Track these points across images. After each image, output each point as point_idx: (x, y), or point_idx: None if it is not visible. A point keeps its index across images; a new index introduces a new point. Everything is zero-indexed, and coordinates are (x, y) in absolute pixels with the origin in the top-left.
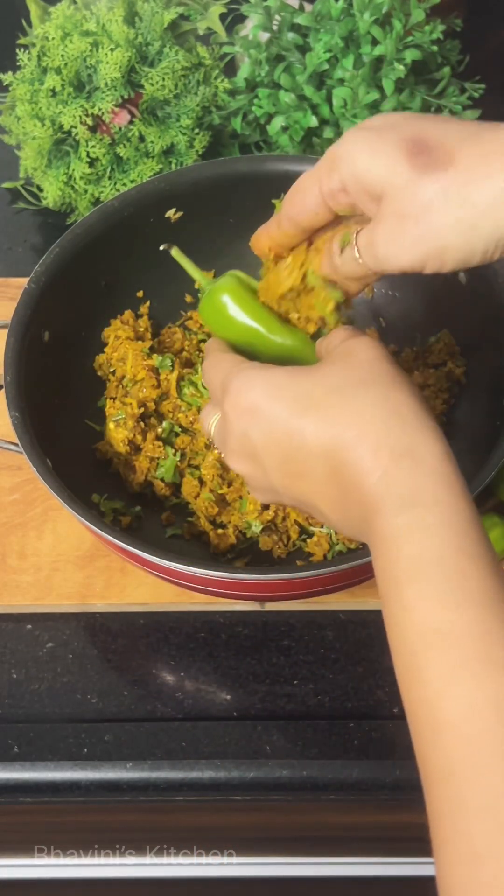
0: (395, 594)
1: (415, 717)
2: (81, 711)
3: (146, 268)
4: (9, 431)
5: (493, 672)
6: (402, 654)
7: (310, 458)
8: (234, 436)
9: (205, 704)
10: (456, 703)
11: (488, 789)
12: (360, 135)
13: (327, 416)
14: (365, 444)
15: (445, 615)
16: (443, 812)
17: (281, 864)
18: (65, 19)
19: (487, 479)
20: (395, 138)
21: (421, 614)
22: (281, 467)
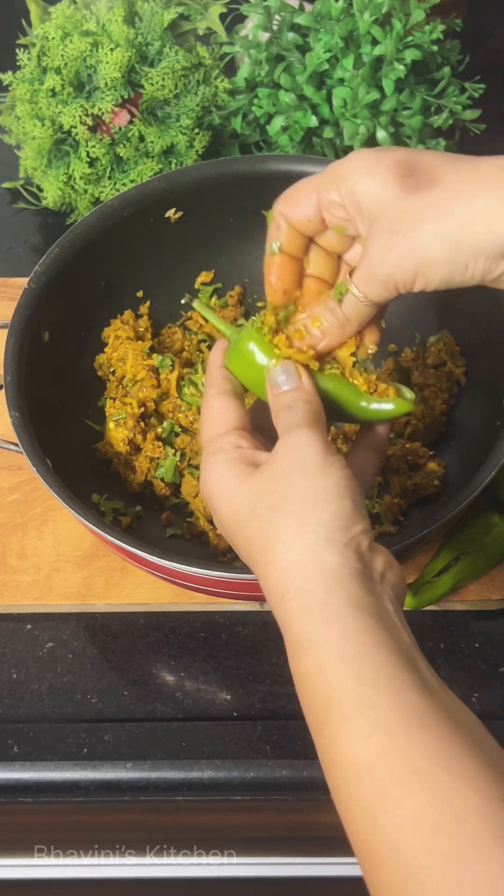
0: (316, 735)
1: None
2: (81, 711)
3: (146, 268)
4: (9, 431)
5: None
6: (333, 789)
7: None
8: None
9: (205, 704)
10: (384, 832)
11: None
12: (363, 156)
13: (249, 543)
14: (268, 583)
15: (357, 747)
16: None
17: (281, 864)
18: (65, 19)
19: (487, 479)
20: (389, 162)
21: (337, 750)
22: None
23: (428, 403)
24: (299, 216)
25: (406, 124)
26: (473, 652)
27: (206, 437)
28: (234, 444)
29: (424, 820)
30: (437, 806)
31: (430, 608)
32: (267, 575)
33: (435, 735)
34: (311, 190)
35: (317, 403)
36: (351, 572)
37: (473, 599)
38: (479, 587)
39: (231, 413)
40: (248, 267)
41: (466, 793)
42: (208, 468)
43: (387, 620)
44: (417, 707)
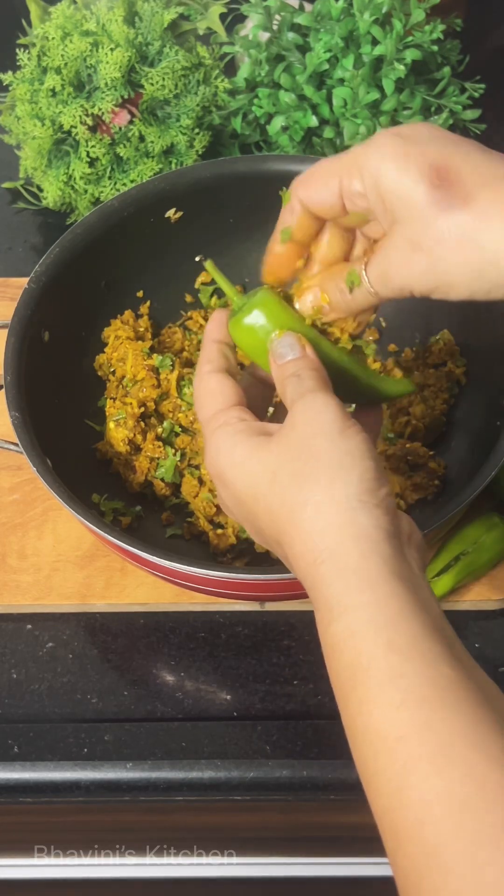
0: (343, 702)
1: (381, 824)
2: (81, 711)
3: (146, 268)
4: (9, 431)
5: (443, 768)
6: (358, 760)
7: (266, 537)
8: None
9: (205, 704)
10: (410, 809)
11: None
12: (389, 146)
13: (271, 511)
14: (296, 548)
15: (386, 718)
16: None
17: (281, 864)
18: (65, 19)
19: (487, 479)
20: (422, 162)
21: (364, 720)
22: (247, 523)
23: (428, 403)
24: (319, 201)
25: None
26: (473, 652)
27: (207, 413)
28: (238, 417)
29: (452, 798)
30: (466, 785)
31: None
32: (294, 541)
33: (465, 711)
34: (332, 175)
35: (324, 372)
36: (384, 534)
37: (473, 599)
38: (479, 587)
39: (230, 390)
40: (248, 267)
41: (494, 772)
42: (216, 443)
43: (418, 588)
44: (448, 680)
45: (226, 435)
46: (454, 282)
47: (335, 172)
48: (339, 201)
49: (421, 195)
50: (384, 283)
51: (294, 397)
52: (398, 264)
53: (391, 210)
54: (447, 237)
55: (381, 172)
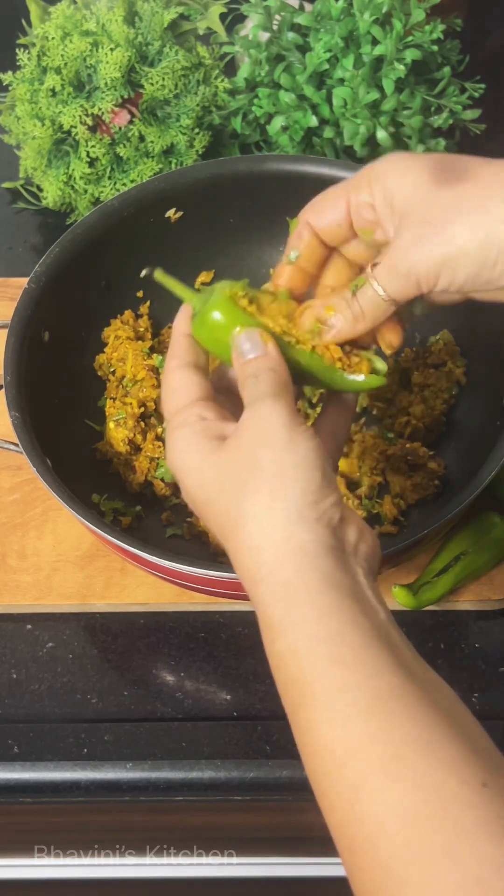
0: (292, 720)
1: (336, 839)
2: (81, 711)
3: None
4: (9, 431)
5: (393, 779)
6: (310, 776)
7: (218, 539)
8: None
9: (205, 704)
10: (363, 823)
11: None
12: (397, 156)
13: (218, 519)
14: (238, 560)
15: (334, 733)
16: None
17: (281, 864)
18: (65, 19)
19: (487, 479)
20: (425, 161)
21: (313, 737)
22: (204, 521)
23: (428, 403)
24: (327, 223)
25: (406, 124)
26: (473, 652)
27: (170, 409)
28: (198, 415)
29: (404, 809)
30: (417, 794)
31: (430, 608)
32: (238, 554)
33: (413, 719)
34: (339, 194)
35: (283, 372)
36: (323, 548)
37: (473, 599)
38: (479, 587)
39: (194, 385)
40: (248, 267)
41: (446, 779)
42: (173, 442)
43: (361, 597)
44: (395, 689)
45: (184, 435)
46: (463, 249)
47: (342, 191)
48: (347, 218)
49: (425, 181)
50: (391, 272)
51: (248, 401)
52: (406, 246)
53: (399, 207)
54: (453, 206)
55: (387, 175)
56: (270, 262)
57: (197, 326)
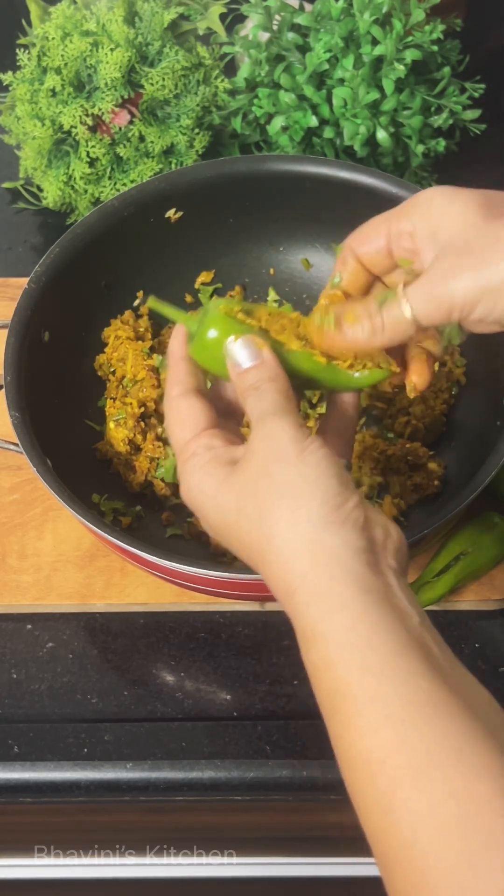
0: (329, 727)
1: (373, 846)
2: (81, 711)
3: (146, 268)
4: (9, 431)
5: (425, 787)
6: (347, 783)
7: (248, 564)
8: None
9: (205, 704)
10: (397, 831)
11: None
12: (440, 189)
13: (244, 543)
14: (270, 579)
15: (367, 741)
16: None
17: (281, 864)
18: (65, 19)
19: (487, 479)
20: (470, 195)
21: (347, 745)
22: (230, 549)
23: (428, 403)
24: (368, 250)
25: (406, 124)
26: (473, 652)
27: (178, 443)
28: (206, 445)
29: (436, 817)
30: (449, 802)
31: (430, 608)
32: (270, 572)
33: (445, 725)
34: (381, 222)
35: (283, 381)
36: (353, 551)
37: (473, 599)
38: (479, 587)
39: (199, 414)
40: (248, 267)
41: (478, 787)
42: (186, 476)
43: (393, 601)
44: (427, 696)
45: (195, 468)
46: (502, 285)
47: (385, 220)
48: (388, 246)
49: (471, 212)
50: (425, 295)
51: (253, 419)
52: (444, 272)
53: (442, 235)
54: (498, 240)
55: (431, 203)
56: (270, 262)
57: (195, 348)
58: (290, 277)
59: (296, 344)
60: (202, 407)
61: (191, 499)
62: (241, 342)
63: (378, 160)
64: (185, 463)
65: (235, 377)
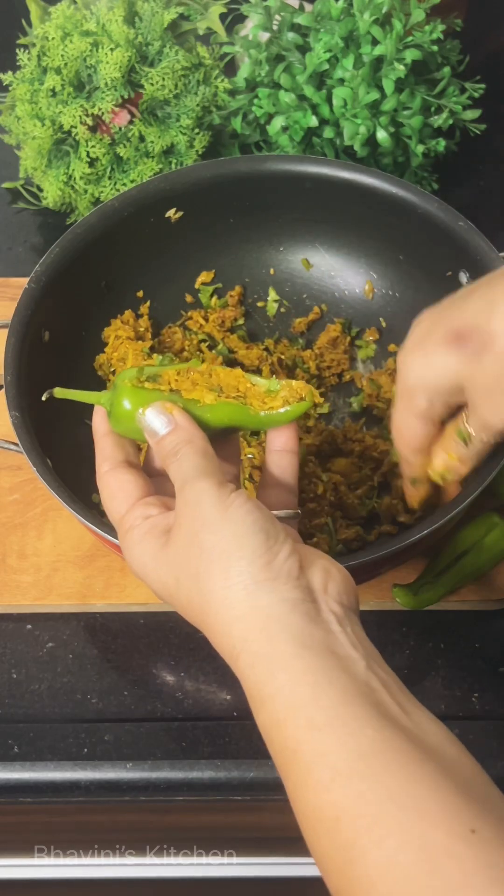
0: (286, 786)
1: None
2: (81, 711)
3: (146, 268)
4: (9, 431)
5: (382, 838)
6: (307, 842)
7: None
8: None
9: (205, 704)
10: (357, 887)
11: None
12: (412, 356)
13: (186, 611)
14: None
15: (320, 799)
16: None
17: (281, 864)
18: (65, 19)
19: (487, 479)
20: (437, 338)
21: (303, 804)
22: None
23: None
24: (420, 441)
25: (406, 124)
26: (473, 652)
27: (114, 517)
28: (142, 515)
29: (395, 868)
30: (406, 852)
31: (430, 608)
32: (213, 638)
33: (395, 774)
34: (405, 417)
35: (199, 439)
36: (289, 606)
37: (473, 599)
38: (479, 587)
39: (130, 485)
40: (248, 267)
41: (433, 832)
42: (127, 549)
43: (336, 649)
44: (374, 745)
45: (133, 541)
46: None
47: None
48: (427, 425)
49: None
50: (487, 428)
51: (177, 486)
52: (492, 411)
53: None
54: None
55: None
56: (270, 262)
57: (114, 421)
58: (290, 277)
59: (209, 397)
60: (133, 478)
61: (134, 570)
62: (150, 411)
63: (378, 160)
64: (124, 536)
65: (154, 446)
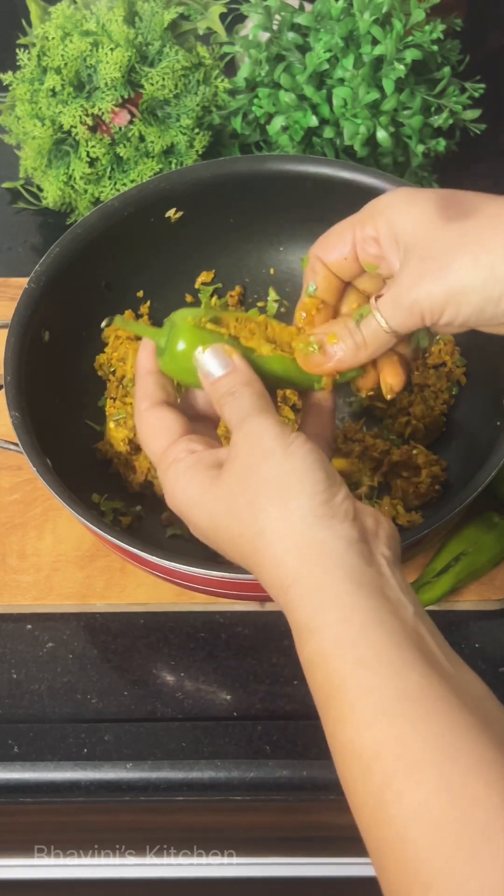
0: (323, 722)
1: (366, 841)
2: (81, 711)
3: (146, 268)
4: (9, 431)
5: (419, 781)
6: (341, 777)
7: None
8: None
9: (205, 704)
10: (389, 826)
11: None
12: (400, 191)
13: (235, 543)
14: (264, 576)
15: (360, 736)
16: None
17: (281, 864)
18: (65, 19)
19: (487, 479)
20: (430, 195)
21: (341, 739)
22: (221, 552)
23: (428, 403)
24: (335, 257)
25: (406, 124)
26: (473, 652)
27: (155, 451)
28: (187, 449)
29: (429, 812)
30: (442, 797)
31: (430, 608)
32: (263, 570)
33: (438, 720)
34: (346, 229)
35: (257, 383)
36: (346, 543)
37: (473, 599)
38: (479, 587)
39: (172, 422)
40: (248, 267)
41: (471, 782)
42: (170, 482)
43: (387, 591)
44: (421, 689)
45: (178, 473)
46: (467, 284)
47: (348, 226)
48: (354, 252)
49: (429, 216)
50: (395, 305)
51: (233, 423)
52: (410, 280)
53: (403, 241)
54: (457, 242)
55: (392, 209)
56: (270, 262)
57: (166, 361)
58: (290, 277)
59: (265, 348)
60: (174, 416)
61: (176, 504)
62: (210, 352)
63: (378, 160)
64: (166, 470)
65: (208, 387)
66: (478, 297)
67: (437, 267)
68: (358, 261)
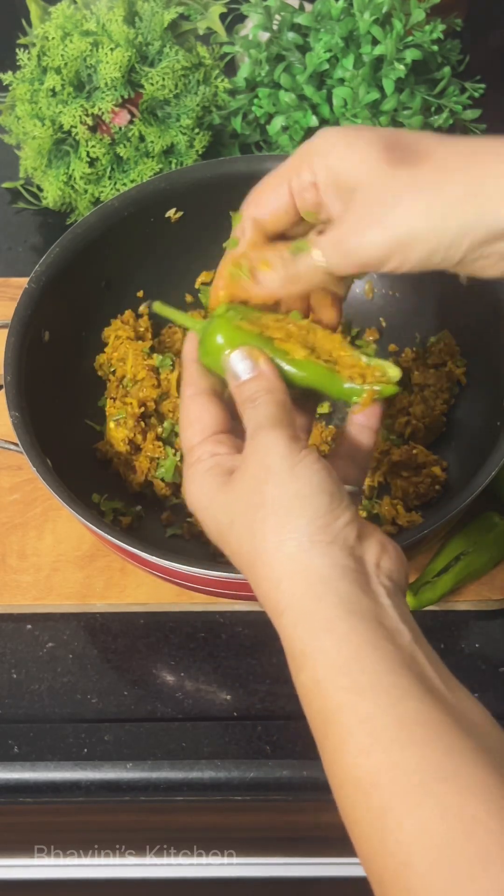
0: (320, 750)
1: (367, 871)
2: (81, 711)
3: (146, 268)
4: (9, 431)
5: (417, 807)
6: (340, 807)
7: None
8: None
9: (205, 704)
10: (390, 853)
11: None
12: (336, 131)
13: (235, 555)
14: (260, 595)
15: (358, 764)
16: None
17: (281, 864)
18: (65, 19)
19: (487, 479)
20: (372, 136)
21: (340, 768)
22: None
23: (428, 403)
24: (271, 211)
25: (406, 124)
26: (473, 652)
27: (186, 444)
28: (210, 452)
29: (430, 838)
30: (442, 822)
31: (430, 608)
32: (259, 589)
33: (437, 745)
34: (279, 180)
35: (280, 392)
36: (340, 571)
37: (473, 599)
38: (479, 587)
39: (208, 416)
40: None
41: (471, 806)
42: (188, 481)
43: (384, 619)
44: (418, 715)
45: (197, 473)
46: (416, 233)
47: (282, 176)
48: (292, 204)
49: (374, 158)
50: (335, 248)
51: (248, 431)
52: (354, 225)
53: (347, 184)
54: (407, 189)
55: (330, 151)
56: None
57: (202, 352)
58: None
59: (301, 353)
60: (213, 409)
61: (190, 503)
62: (237, 354)
63: None
64: (189, 467)
65: (233, 389)
66: (428, 245)
67: (383, 213)
68: (295, 211)
